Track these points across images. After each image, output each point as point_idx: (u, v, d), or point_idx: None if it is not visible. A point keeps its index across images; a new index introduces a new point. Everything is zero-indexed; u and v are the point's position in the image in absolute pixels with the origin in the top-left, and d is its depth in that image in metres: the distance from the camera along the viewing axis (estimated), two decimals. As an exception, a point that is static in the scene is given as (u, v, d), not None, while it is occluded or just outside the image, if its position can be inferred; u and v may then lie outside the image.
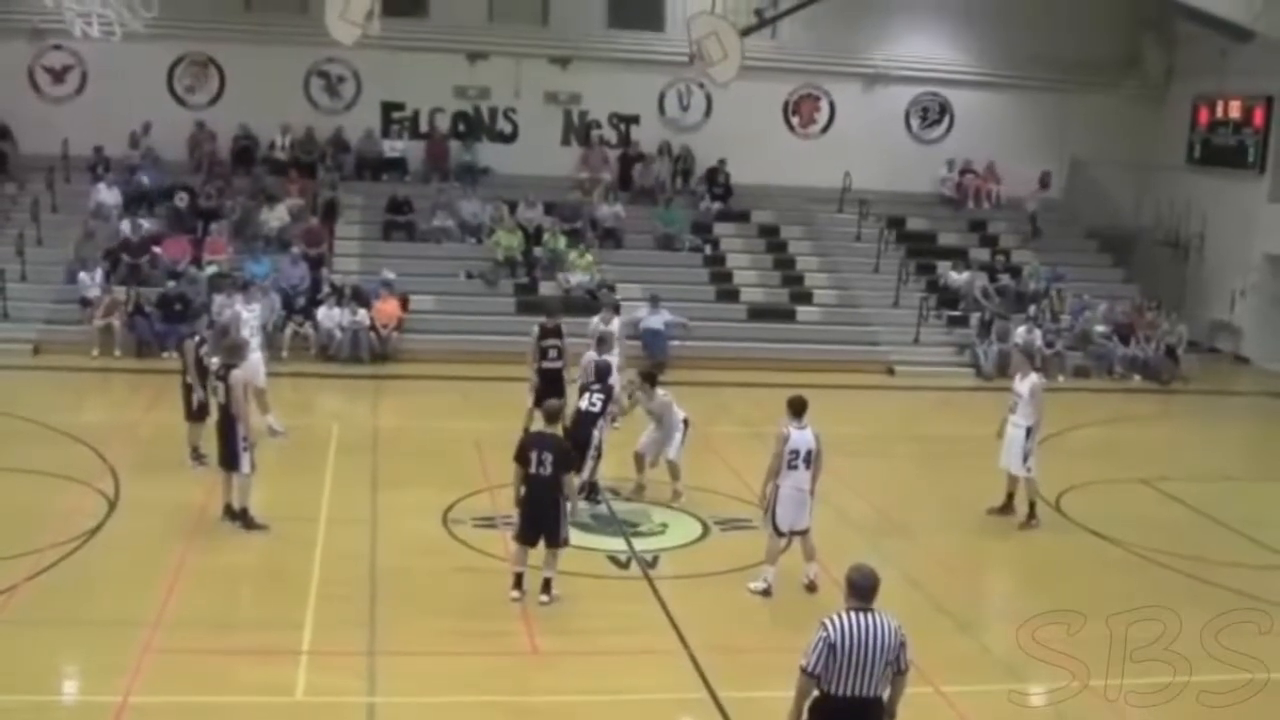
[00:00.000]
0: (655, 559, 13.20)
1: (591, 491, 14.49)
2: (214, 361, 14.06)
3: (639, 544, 13.57)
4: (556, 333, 16.55)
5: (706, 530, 14.22)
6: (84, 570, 11.99)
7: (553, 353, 16.41)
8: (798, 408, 12.21)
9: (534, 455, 11.45)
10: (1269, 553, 14.44)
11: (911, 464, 18.50)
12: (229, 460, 13.25)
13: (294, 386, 20.15)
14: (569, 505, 11.86)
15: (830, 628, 7.25)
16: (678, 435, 14.90)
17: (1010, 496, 15.01)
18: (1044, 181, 29.02)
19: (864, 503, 15.49)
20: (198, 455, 15.23)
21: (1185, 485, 16.96)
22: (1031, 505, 14.81)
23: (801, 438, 12.08)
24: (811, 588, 12.22)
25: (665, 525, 14.31)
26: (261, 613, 11.22)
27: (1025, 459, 14.63)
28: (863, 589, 7.38)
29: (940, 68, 29.27)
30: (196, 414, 15.27)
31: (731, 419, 19.71)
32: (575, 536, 12.95)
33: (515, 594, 11.65)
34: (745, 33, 22.93)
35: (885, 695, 7.40)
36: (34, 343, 21.99)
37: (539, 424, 12.15)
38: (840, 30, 27.91)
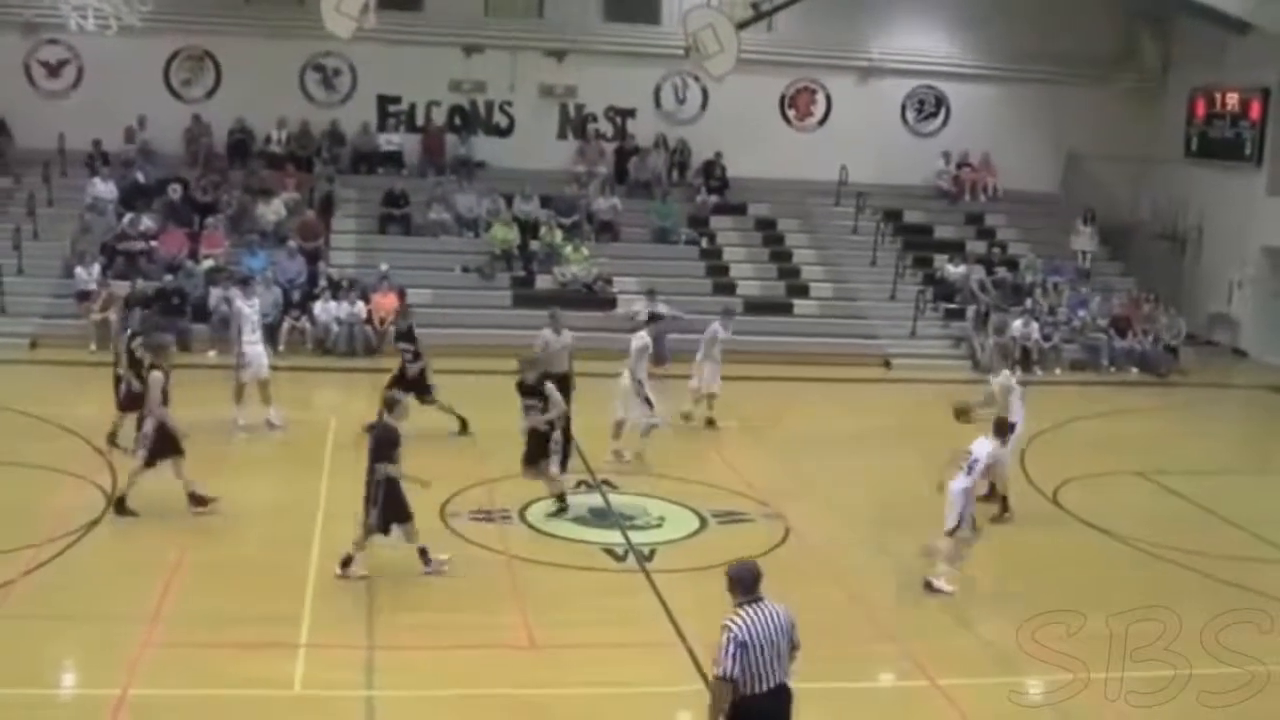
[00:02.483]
0: (652, 552, 13.22)
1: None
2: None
3: (635, 537, 13.59)
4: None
5: (704, 523, 14.24)
6: (81, 565, 12.00)
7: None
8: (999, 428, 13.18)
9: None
10: (1268, 546, 14.44)
11: (909, 457, 18.41)
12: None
13: (291, 380, 20.11)
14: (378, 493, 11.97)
15: (736, 627, 7.34)
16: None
17: (990, 483, 14.98)
18: (1086, 218, 28.09)
19: (862, 495, 15.49)
20: (114, 440, 15.46)
21: (1183, 478, 16.95)
22: (1004, 500, 14.78)
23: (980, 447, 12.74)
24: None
25: (662, 519, 14.33)
26: (259, 606, 11.20)
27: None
28: (749, 582, 7.51)
29: (936, 61, 29.20)
30: (126, 404, 15.39)
31: (728, 412, 19.68)
32: (572, 530, 13.44)
33: (338, 571, 11.89)
34: (741, 26, 22.88)
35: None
36: (31, 337, 21.97)
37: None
38: (836, 23, 27.92)
